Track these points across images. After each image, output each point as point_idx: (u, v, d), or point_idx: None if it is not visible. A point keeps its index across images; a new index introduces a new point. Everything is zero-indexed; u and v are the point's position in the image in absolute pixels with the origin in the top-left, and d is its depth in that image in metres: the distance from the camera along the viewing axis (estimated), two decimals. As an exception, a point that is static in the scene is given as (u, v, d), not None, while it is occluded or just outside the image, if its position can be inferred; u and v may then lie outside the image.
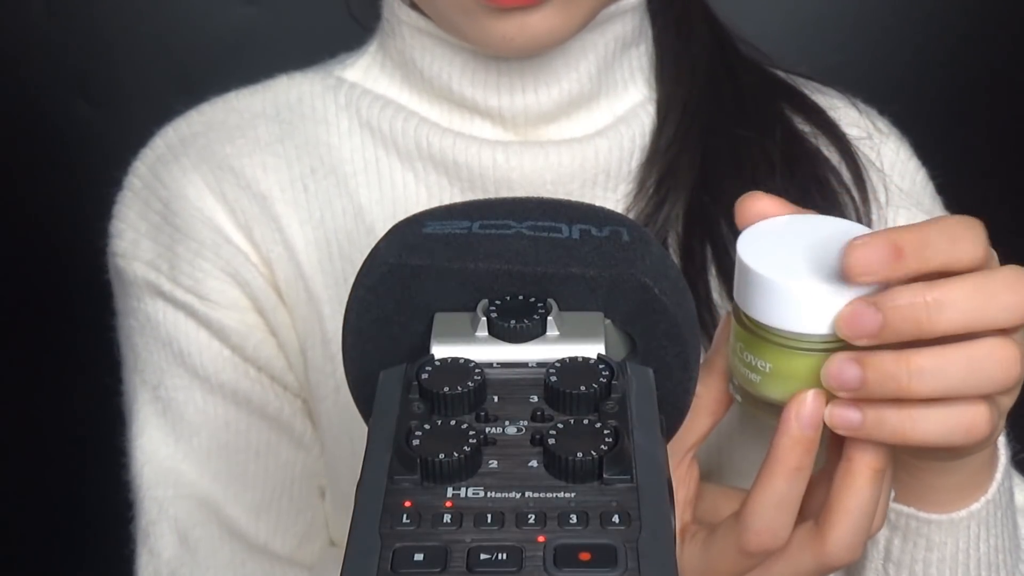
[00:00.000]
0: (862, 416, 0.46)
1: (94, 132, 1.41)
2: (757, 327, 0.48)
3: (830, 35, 1.42)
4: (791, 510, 0.49)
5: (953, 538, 0.56)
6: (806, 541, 0.50)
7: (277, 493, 0.71)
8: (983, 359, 0.45)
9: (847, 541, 0.49)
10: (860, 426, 0.47)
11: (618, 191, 0.70)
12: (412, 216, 0.46)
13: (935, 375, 0.45)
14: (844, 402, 0.47)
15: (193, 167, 0.71)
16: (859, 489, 0.49)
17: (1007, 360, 0.45)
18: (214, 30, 1.39)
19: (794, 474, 0.48)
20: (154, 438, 0.70)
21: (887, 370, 0.45)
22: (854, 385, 0.46)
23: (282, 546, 0.71)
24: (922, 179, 0.76)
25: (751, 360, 0.49)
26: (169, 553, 0.69)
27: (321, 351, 0.70)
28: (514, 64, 0.67)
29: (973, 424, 0.46)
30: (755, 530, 0.49)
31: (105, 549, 0.80)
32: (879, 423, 0.46)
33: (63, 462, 1.49)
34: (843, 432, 0.47)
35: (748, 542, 0.49)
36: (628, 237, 0.44)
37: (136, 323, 0.71)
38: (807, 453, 0.48)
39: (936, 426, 0.46)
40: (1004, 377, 0.45)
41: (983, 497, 0.55)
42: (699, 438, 0.54)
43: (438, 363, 0.39)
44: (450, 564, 0.32)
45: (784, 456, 0.48)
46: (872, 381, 0.46)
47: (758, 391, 0.49)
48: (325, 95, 0.72)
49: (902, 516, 0.56)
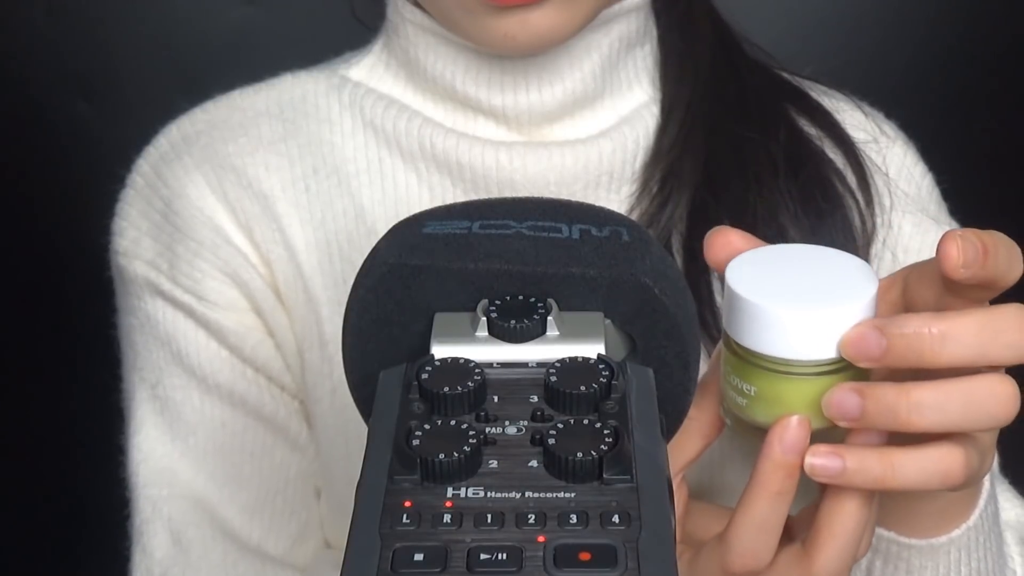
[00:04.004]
0: (843, 464, 0.47)
1: (94, 132, 1.41)
2: (743, 352, 0.49)
3: (834, 36, 1.42)
4: (774, 532, 0.49)
5: (933, 563, 0.56)
6: (793, 563, 0.51)
7: (271, 494, 0.71)
8: (983, 395, 0.45)
9: (834, 565, 0.50)
10: (841, 473, 0.47)
11: (621, 192, 0.69)
12: (412, 216, 0.46)
13: (934, 409, 0.45)
14: (825, 450, 0.47)
15: (195, 166, 0.70)
16: (848, 514, 0.49)
17: (1006, 397, 0.46)
18: (214, 30, 1.39)
19: (776, 498, 0.48)
20: (151, 436, 0.70)
21: (887, 402, 0.46)
22: (854, 415, 0.46)
23: (275, 547, 0.71)
24: (928, 184, 0.75)
25: (738, 384, 0.49)
26: (162, 552, 0.69)
27: (319, 353, 0.70)
28: (517, 62, 0.67)
29: (949, 471, 0.47)
30: (738, 552, 0.49)
31: (103, 546, 0.80)
32: (860, 471, 0.47)
33: (61, 458, 1.49)
34: (823, 480, 0.48)
35: (731, 563, 0.50)
36: (628, 237, 0.44)
37: (136, 321, 0.71)
38: (789, 477, 0.48)
39: (914, 473, 0.47)
40: (1002, 414, 0.46)
41: (964, 524, 0.56)
42: (690, 460, 0.54)
43: (438, 363, 0.39)
44: (450, 564, 0.32)
45: (766, 480, 0.48)
46: (872, 412, 0.46)
47: (745, 415, 0.50)
48: (329, 94, 0.72)
49: (883, 540, 0.57)
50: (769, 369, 0.48)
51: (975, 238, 0.45)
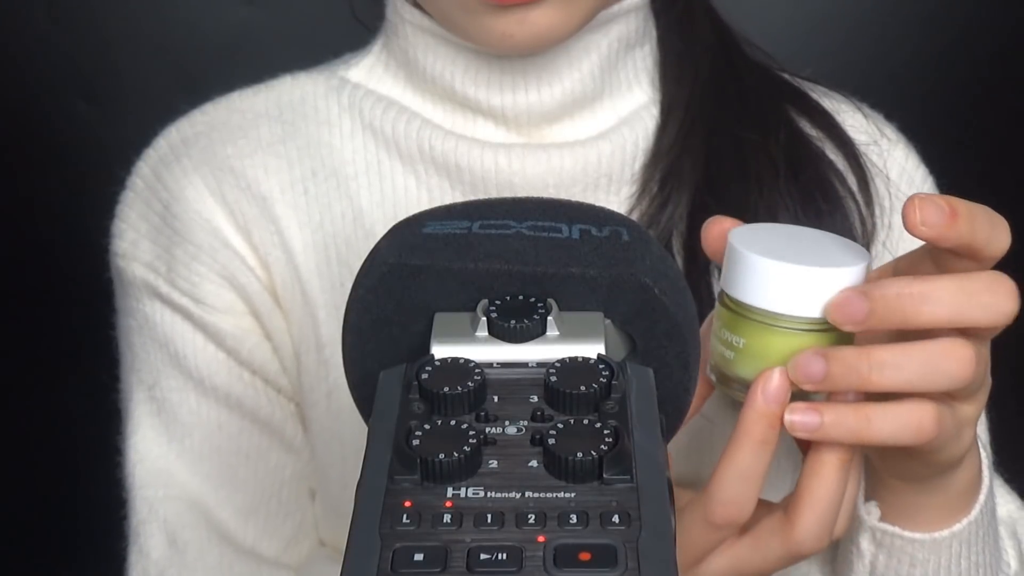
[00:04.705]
0: (820, 418, 0.49)
1: (94, 132, 1.41)
2: (735, 304, 0.51)
3: (834, 37, 1.42)
4: (756, 483, 0.51)
5: (935, 556, 0.58)
6: (776, 528, 0.53)
7: (266, 496, 0.72)
8: (940, 356, 0.48)
9: (815, 529, 0.52)
10: (819, 427, 0.49)
11: (620, 193, 0.69)
12: (412, 216, 0.46)
13: (894, 368, 0.48)
14: (803, 407, 0.49)
15: (194, 168, 0.70)
16: (826, 478, 0.51)
17: (962, 358, 0.48)
18: (214, 30, 1.39)
19: (759, 447, 0.50)
20: (147, 437, 0.71)
21: (850, 362, 0.48)
22: (818, 377, 0.49)
23: (269, 548, 0.72)
24: (929, 188, 0.75)
25: (728, 337, 0.52)
26: (158, 553, 0.69)
27: (315, 355, 0.70)
28: (516, 62, 0.67)
29: (921, 424, 0.49)
30: (720, 501, 0.51)
31: (100, 545, 0.81)
32: (837, 424, 0.49)
33: (60, 457, 1.49)
34: (803, 435, 0.50)
35: (714, 513, 0.51)
36: (628, 237, 0.44)
37: (135, 323, 0.72)
38: (771, 427, 0.50)
39: (888, 425, 0.49)
40: (959, 374, 0.48)
41: (965, 519, 0.58)
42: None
43: (438, 363, 0.39)
44: (450, 564, 0.31)
45: (750, 429, 0.50)
46: (835, 373, 0.48)
47: (731, 370, 0.52)
48: (328, 96, 0.72)
49: (887, 535, 0.59)
50: (758, 321, 0.50)
51: (941, 201, 0.47)
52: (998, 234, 0.48)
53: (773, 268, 0.49)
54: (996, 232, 0.48)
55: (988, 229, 0.48)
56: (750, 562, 0.53)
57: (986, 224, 0.48)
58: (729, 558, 0.54)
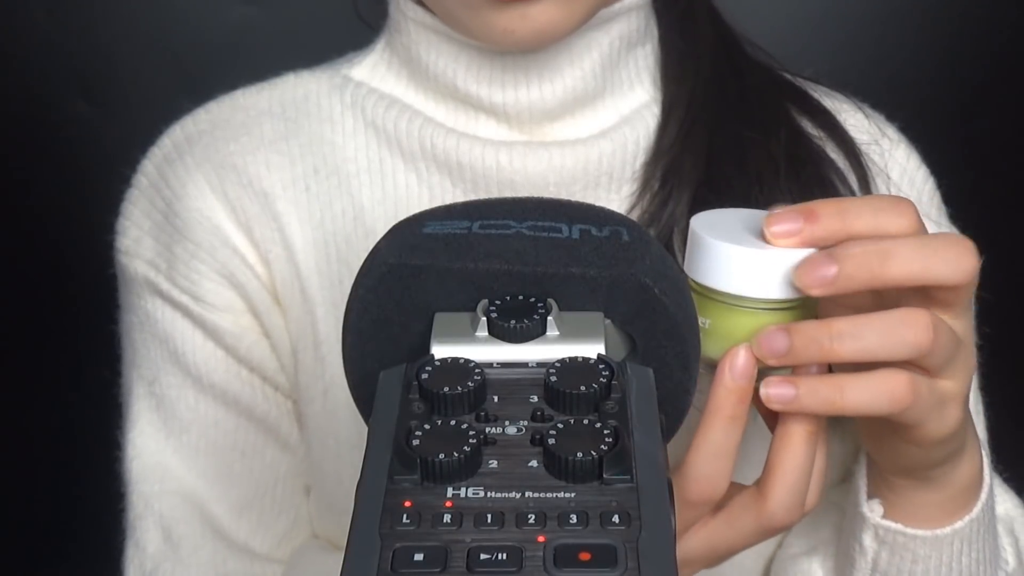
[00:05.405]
0: (796, 390, 0.50)
1: (94, 132, 1.41)
2: (702, 288, 0.53)
3: (835, 37, 1.42)
4: (728, 459, 0.52)
5: (937, 552, 0.59)
6: (749, 503, 0.54)
7: (260, 493, 0.72)
8: (898, 323, 0.49)
9: (786, 501, 0.53)
10: (794, 399, 0.50)
11: (621, 191, 0.69)
12: (412, 216, 0.46)
13: (854, 337, 0.49)
14: (777, 380, 0.51)
15: (196, 166, 0.71)
16: (794, 450, 0.53)
17: (919, 325, 0.49)
18: (214, 30, 1.39)
19: (729, 422, 0.51)
20: (145, 432, 0.71)
21: (811, 335, 0.49)
22: (782, 351, 0.50)
23: (262, 544, 0.72)
24: (930, 189, 0.75)
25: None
26: (153, 548, 0.70)
27: (312, 353, 0.70)
28: (518, 59, 0.67)
29: (894, 392, 0.50)
30: (694, 478, 0.52)
31: (99, 540, 0.81)
32: (811, 393, 0.50)
33: (61, 451, 1.50)
34: (778, 407, 0.51)
35: (689, 490, 0.52)
36: (628, 237, 0.44)
37: (136, 319, 0.72)
38: (740, 403, 0.51)
39: (861, 394, 0.50)
40: (917, 341, 0.49)
41: (967, 516, 0.59)
42: None
43: (438, 363, 0.39)
44: (450, 564, 0.31)
45: (720, 405, 0.51)
46: (798, 346, 0.50)
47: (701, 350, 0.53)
48: (331, 94, 0.72)
49: (890, 532, 0.60)
50: (722, 303, 0.52)
51: (797, 207, 0.50)
52: (885, 217, 0.50)
53: (735, 252, 0.51)
54: (881, 216, 0.50)
55: (870, 216, 0.50)
56: (724, 538, 0.55)
57: (866, 212, 0.50)
58: (704, 536, 0.55)
